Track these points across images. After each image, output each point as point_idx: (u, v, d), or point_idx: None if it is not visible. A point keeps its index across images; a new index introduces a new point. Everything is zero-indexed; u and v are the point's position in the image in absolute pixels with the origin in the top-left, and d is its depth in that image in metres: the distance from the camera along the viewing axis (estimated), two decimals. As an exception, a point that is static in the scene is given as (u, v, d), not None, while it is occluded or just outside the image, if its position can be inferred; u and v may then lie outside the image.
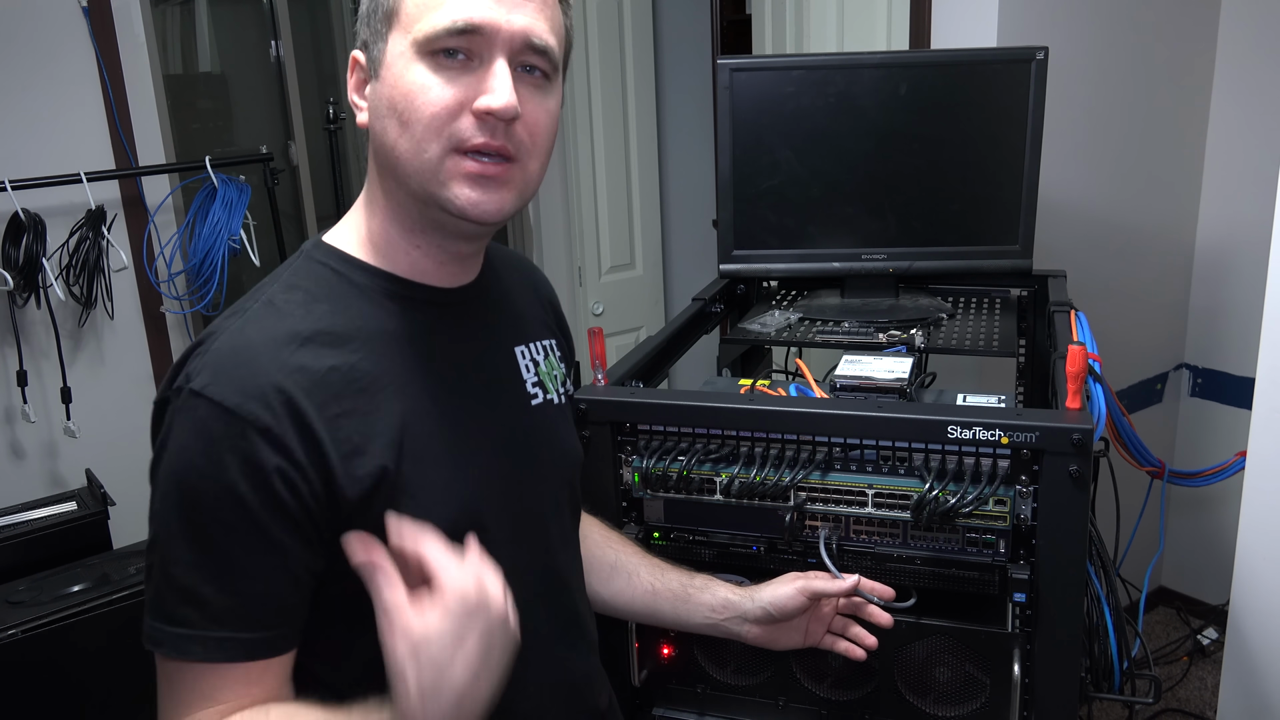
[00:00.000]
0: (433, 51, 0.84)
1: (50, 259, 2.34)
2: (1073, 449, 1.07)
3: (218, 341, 0.84)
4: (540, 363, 1.05)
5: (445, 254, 0.94)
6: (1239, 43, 2.48)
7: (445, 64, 0.84)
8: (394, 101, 0.85)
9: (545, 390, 1.04)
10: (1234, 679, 1.64)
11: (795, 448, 1.20)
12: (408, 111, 0.85)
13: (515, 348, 1.02)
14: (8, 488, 2.40)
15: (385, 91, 0.86)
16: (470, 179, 0.86)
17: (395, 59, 0.85)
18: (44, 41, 2.35)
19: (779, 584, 1.13)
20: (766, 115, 1.65)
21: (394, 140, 0.86)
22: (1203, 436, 2.74)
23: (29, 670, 1.76)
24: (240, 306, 0.88)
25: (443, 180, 0.86)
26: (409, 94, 0.84)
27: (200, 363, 0.82)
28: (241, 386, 0.80)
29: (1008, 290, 1.78)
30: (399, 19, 0.86)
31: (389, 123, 0.86)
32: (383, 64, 0.87)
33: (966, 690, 1.17)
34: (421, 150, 0.85)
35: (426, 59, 0.84)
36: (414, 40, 0.84)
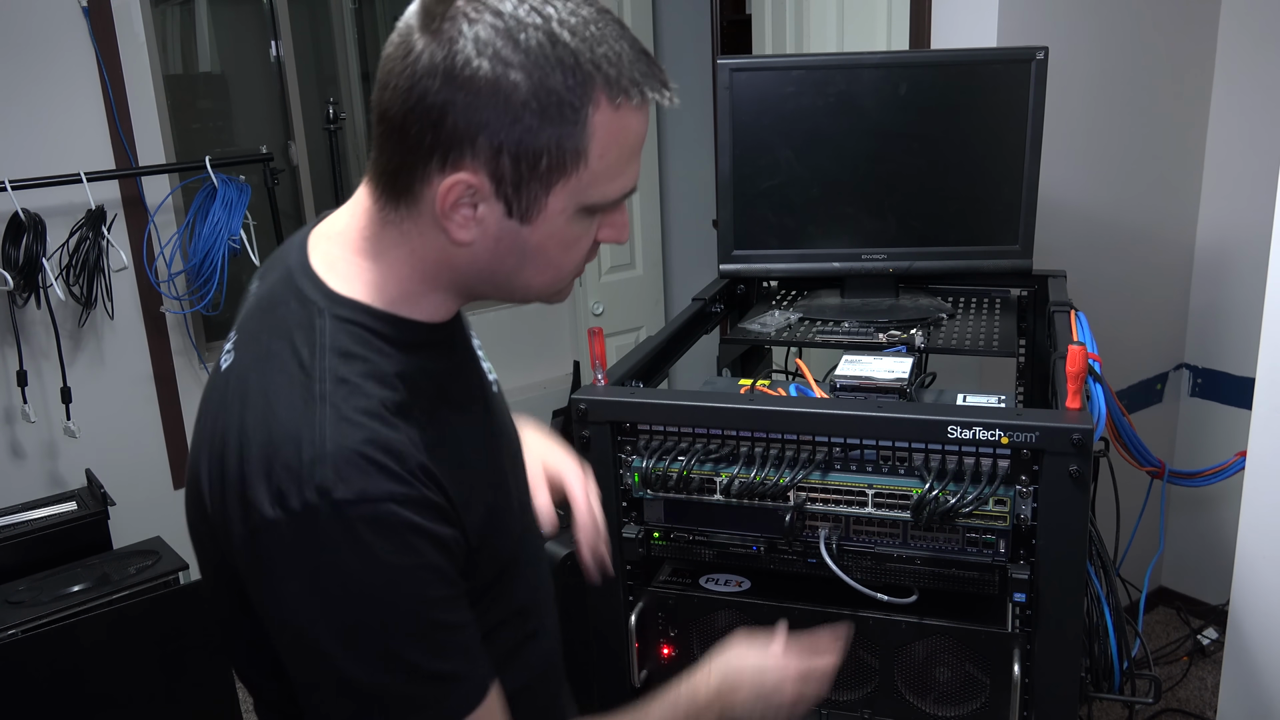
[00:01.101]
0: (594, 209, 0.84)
1: (50, 259, 2.34)
2: (1073, 449, 1.07)
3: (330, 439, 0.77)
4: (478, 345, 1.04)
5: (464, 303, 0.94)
6: (1239, 43, 2.48)
7: (595, 213, 0.85)
8: (547, 251, 0.84)
9: (490, 371, 1.04)
10: (1234, 679, 1.64)
11: (795, 448, 1.20)
12: (561, 260, 0.85)
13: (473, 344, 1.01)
14: (8, 488, 2.40)
15: (536, 240, 0.82)
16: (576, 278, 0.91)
17: (556, 215, 0.81)
18: (44, 41, 2.36)
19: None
20: (766, 115, 1.65)
21: (529, 277, 0.86)
22: (1203, 436, 2.74)
23: (29, 670, 1.76)
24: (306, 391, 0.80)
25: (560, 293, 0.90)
26: (567, 247, 0.85)
27: (328, 470, 0.75)
28: (394, 475, 0.77)
29: (1008, 290, 1.78)
30: (570, 179, 0.80)
31: (529, 264, 0.85)
32: (539, 214, 0.81)
33: (966, 690, 1.17)
34: (557, 281, 0.88)
35: (585, 213, 0.83)
36: (584, 204, 0.82)
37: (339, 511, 0.74)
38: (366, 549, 0.75)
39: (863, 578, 1.18)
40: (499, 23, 0.74)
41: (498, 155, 0.77)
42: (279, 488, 0.76)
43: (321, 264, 0.87)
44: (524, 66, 0.75)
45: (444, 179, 0.78)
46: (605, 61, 0.77)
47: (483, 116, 0.76)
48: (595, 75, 0.76)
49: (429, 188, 0.79)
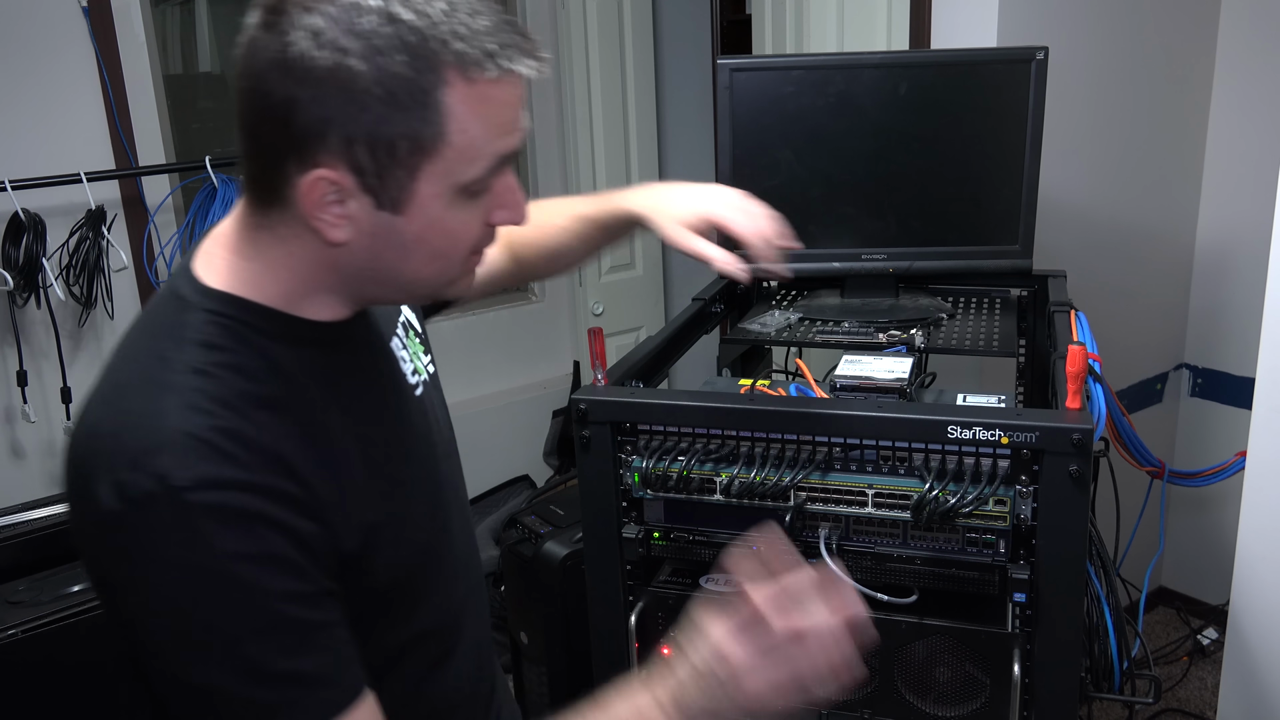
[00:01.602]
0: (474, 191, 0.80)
1: (50, 259, 2.34)
2: (1073, 449, 1.07)
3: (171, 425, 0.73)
4: (406, 343, 1.01)
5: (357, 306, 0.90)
6: (1239, 43, 2.48)
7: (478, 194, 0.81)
8: (428, 240, 0.80)
9: (419, 372, 1.02)
10: (1234, 679, 1.64)
11: (795, 448, 1.20)
12: (446, 248, 0.82)
13: (390, 342, 0.98)
14: (8, 488, 2.40)
15: (413, 230, 0.79)
16: (475, 266, 0.88)
17: (430, 200, 0.78)
18: (44, 41, 2.35)
19: (675, 232, 1.13)
20: (766, 115, 1.65)
21: (416, 269, 0.82)
22: (1203, 436, 2.74)
23: (29, 670, 1.76)
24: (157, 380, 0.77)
25: (455, 282, 0.87)
26: (450, 233, 0.81)
27: (171, 457, 0.72)
28: (238, 462, 0.74)
29: (1008, 290, 1.78)
30: (436, 158, 0.77)
31: (413, 256, 0.81)
32: (408, 202, 0.78)
33: (966, 690, 1.17)
34: (447, 270, 0.84)
35: (463, 196, 0.79)
36: (456, 183, 0.78)
37: (177, 497, 0.71)
38: (206, 537, 0.71)
39: (863, 578, 1.18)
40: (334, 10, 0.72)
41: (352, 147, 0.74)
42: (118, 478, 0.72)
43: (202, 265, 0.84)
44: (363, 53, 0.72)
45: (303, 178, 0.75)
46: (453, 37, 0.73)
47: (329, 110, 0.73)
48: (442, 52, 0.73)
49: (292, 189, 0.76)
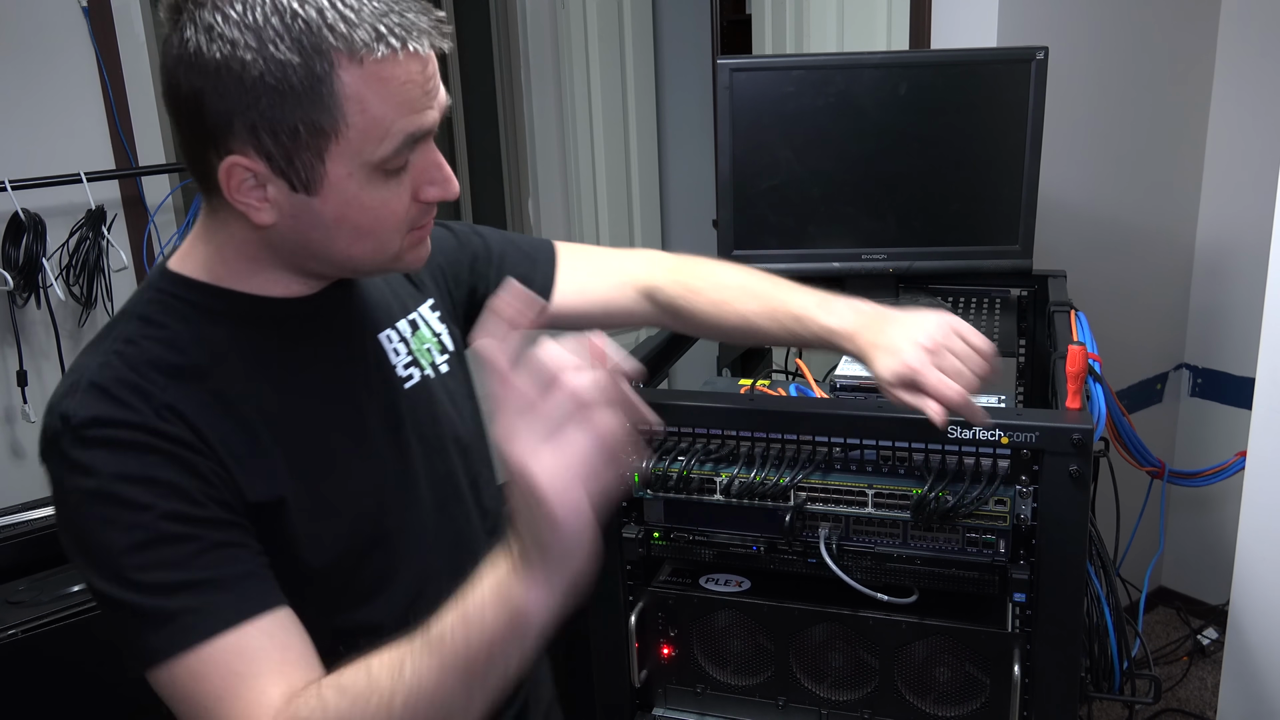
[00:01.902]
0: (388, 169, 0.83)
1: (50, 259, 2.34)
2: (1073, 449, 1.07)
3: (86, 378, 0.82)
4: (409, 339, 1.03)
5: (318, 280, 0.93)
6: (1239, 43, 2.48)
7: (396, 170, 0.84)
8: (348, 218, 0.84)
9: (420, 367, 1.03)
10: (1234, 679, 1.64)
11: (795, 448, 1.20)
12: (371, 224, 0.85)
13: (380, 334, 1.00)
14: (8, 488, 2.39)
15: (331, 210, 0.83)
16: (417, 244, 0.90)
17: (343, 180, 0.82)
18: (44, 41, 2.35)
19: (887, 389, 1.03)
20: (766, 115, 1.65)
21: (344, 248, 0.86)
22: (1203, 436, 2.74)
23: (29, 670, 1.76)
24: (97, 346, 0.86)
25: (399, 257, 0.89)
26: (371, 210, 0.84)
27: (75, 402, 0.81)
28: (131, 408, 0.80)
29: (1008, 290, 1.77)
30: (338, 144, 0.80)
31: (337, 235, 0.85)
32: (321, 183, 0.82)
33: (966, 690, 1.17)
34: (383, 248, 0.87)
35: (378, 173, 0.83)
36: (366, 162, 0.81)
37: (74, 433, 0.79)
38: (95, 463, 0.78)
39: (863, 578, 1.18)
40: (226, 6, 0.76)
41: (256, 134, 0.79)
42: (44, 425, 0.82)
43: (176, 252, 0.92)
44: (253, 44, 0.76)
45: (220, 165, 0.80)
46: (340, 21, 0.77)
47: (229, 101, 0.78)
48: (330, 37, 0.77)
49: (216, 175, 0.82)
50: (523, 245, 1.21)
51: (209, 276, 0.89)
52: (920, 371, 0.99)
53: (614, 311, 1.22)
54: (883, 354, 1.02)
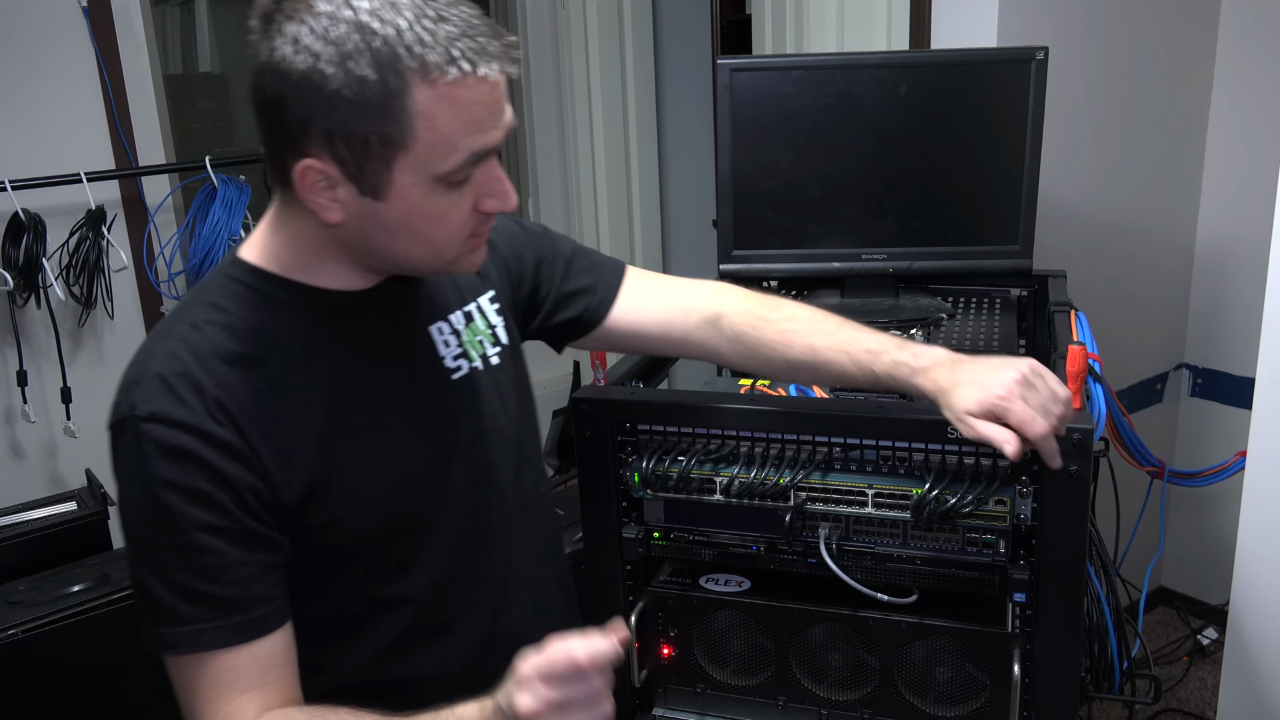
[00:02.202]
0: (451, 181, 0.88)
1: (50, 259, 2.34)
2: (1073, 449, 1.06)
3: (153, 367, 0.89)
4: (462, 331, 1.07)
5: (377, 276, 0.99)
6: (1239, 43, 2.48)
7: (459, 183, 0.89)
8: (411, 224, 0.89)
9: (470, 359, 1.07)
10: (1234, 679, 1.64)
11: (795, 448, 1.20)
12: (431, 232, 0.90)
13: (431, 326, 1.05)
14: (8, 488, 2.40)
15: (396, 215, 0.88)
16: (474, 250, 0.95)
17: (408, 189, 0.87)
18: (44, 41, 2.35)
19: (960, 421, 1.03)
20: (766, 115, 1.65)
21: (405, 250, 0.92)
22: (1203, 436, 2.74)
23: (29, 670, 1.76)
24: (168, 330, 0.93)
25: (457, 262, 0.95)
26: (431, 219, 0.89)
27: (141, 391, 0.88)
28: (188, 407, 0.87)
29: (1008, 290, 1.77)
30: (407, 155, 0.85)
31: (399, 238, 0.90)
32: (388, 190, 0.87)
33: (966, 690, 1.17)
34: (441, 253, 0.92)
35: (441, 184, 0.87)
36: (432, 175, 0.86)
37: (136, 425, 0.87)
38: (147, 462, 0.86)
39: (863, 578, 1.18)
40: (313, 20, 0.81)
41: (331, 141, 0.84)
42: (116, 402, 0.90)
43: (247, 241, 0.98)
44: (334, 58, 0.81)
45: (296, 166, 0.86)
46: (417, 43, 0.82)
47: (308, 108, 0.83)
48: (406, 58, 0.82)
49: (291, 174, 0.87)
50: (592, 256, 1.23)
51: (276, 266, 0.95)
52: (1009, 401, 0.99)
53: (672, 335, 1.21)
54: (966, 388, 1.02)
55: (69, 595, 1.84)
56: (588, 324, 1.20)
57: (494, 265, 1.15)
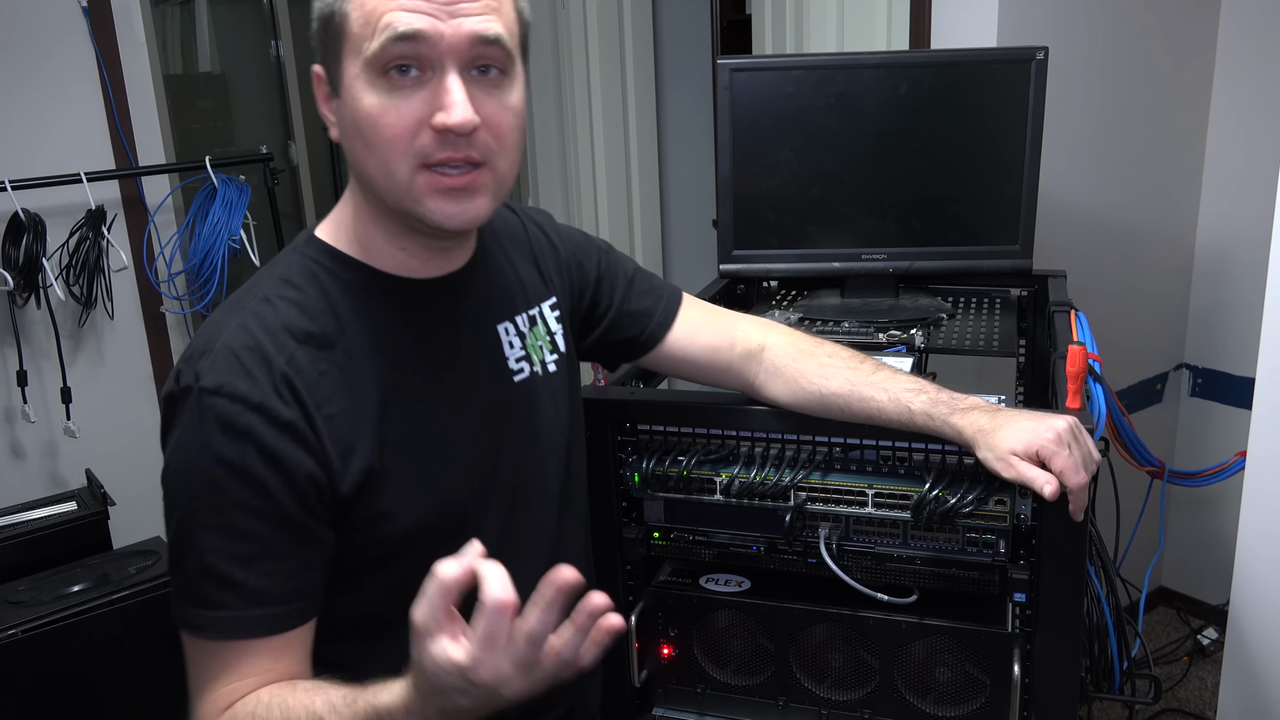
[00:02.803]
0: (385, 70, 0.85)
1: (50, 259, 2.34)
2: (1073, 449, 1.06)
3: (223, 339, 0.87)
4: (527, 334, 1.06)
5: (430, 251, 0.96)
6: (1239, 43, 2.48)
7: (399, 82, 0.85)
8: (357, 124, 0.87)
9: (531, 363, 1.06)
10: (1234, 679, 1.64)
11: (795, 448, 1.20)
12: (371, 135, 0.86)
13: (499, 325, 1.04)
14: (8, 488, 2.40)
15: (348, 114, 0.88)
16: (443, 193, 0.88)
17: (352, 82, 0.86)
18: (44, 41, 2.35)
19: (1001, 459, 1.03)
20: (766, 115, 1.65)
21: (363, 160, 0.89)
22: (1203, 436, 2.74)
23: (29, 670, 1.76)
24: (239, 302, 0.92)
25: (416, 197, 0.88)
26: (369, 117, 0.86)
27: (209, 362, 0.86)
28: (255, 381, 0.85)
29: (1008, 290, 1.78)
30: (348, 41, 0.86)
31: (355, 143, 0.88)
32: (341, 85, 0.87)
33: (966, 690, 1.17)
34: (390, 172, 0.87)
35: (380, 79, 0.85)
36: (365, 61, 0.85)
37: (199, 396, 0.85)
38: (206, 435, 0.84)
39: (863, 578, 1.18)
40: None
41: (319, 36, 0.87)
42: (179, 370, 0.88)
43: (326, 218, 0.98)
44: None
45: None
46: None
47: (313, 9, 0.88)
48: None
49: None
50: (651, 279, 1.23)
51: (345, 244, 0.95)
52: (1058, 445, 1.01)
53: (717, 364, 1.21)
54: (1011, 430, 1.03)
55: (69, 595, 1.84)
56: (644, 346, 1.20)
57: (556, 271, 1.14)
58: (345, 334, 0.91)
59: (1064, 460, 1.00)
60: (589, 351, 1.22)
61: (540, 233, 1.15)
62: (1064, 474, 1.00)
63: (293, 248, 0.97)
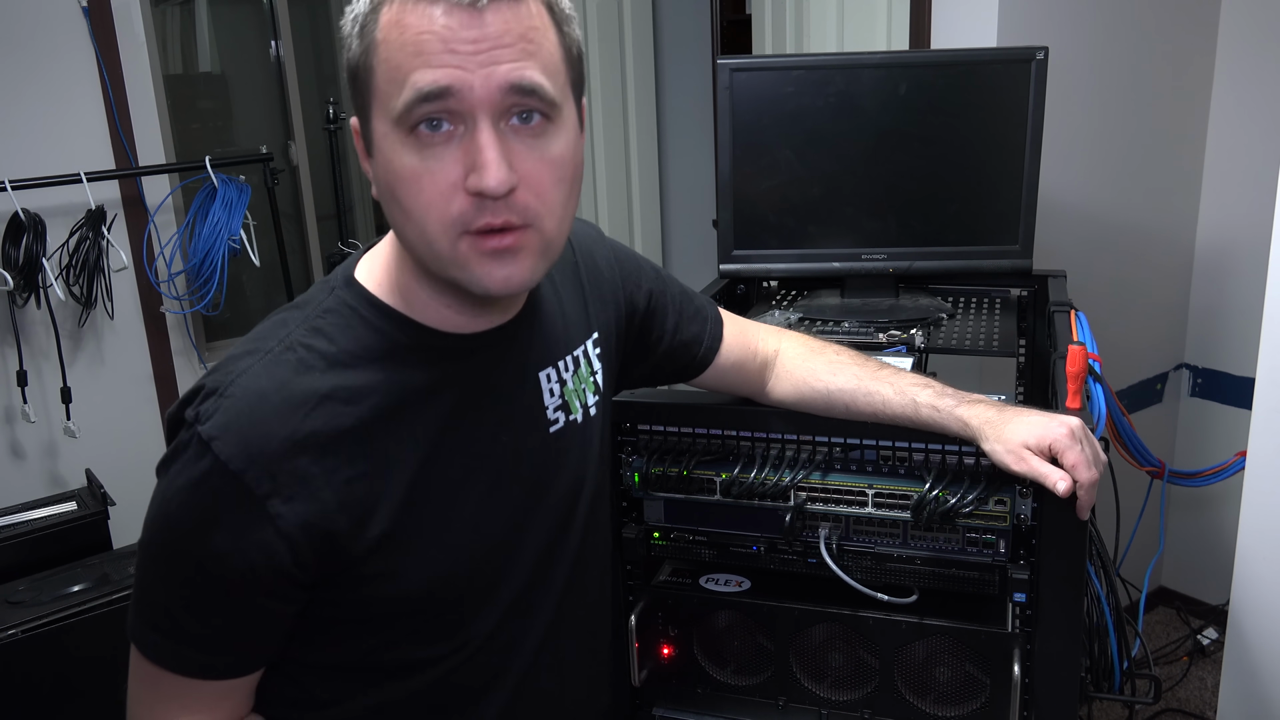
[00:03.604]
0: (413, 128, 0.77)
1: (50, 259, 2.34)
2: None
3: (236, 385, 0.81)
4: (568, 380, 1.00)
5: (478, 308, 0.89)
6: (1239, 43, 2.48)
7: (429, 139, 0.77)
8: (391, 187, 0.80)
9: (569, 410, 0.99)
10: (1234, 679, 1.64)
11: (795, 448, 1.20)
12: (405, 199, 0.79)
13: (542, 372, 0.97)
14: (8, 488, 2.40)
15: (381, 174, 0.81)
16: (487, 256, 0.80)
17: (382, 140, 0.79)
18: (44, 41, 2.35)
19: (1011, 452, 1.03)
20: (766, 115, 1.65)
21: (401, 225, 0.82)
22: (1203, 436, 2.74)
23: (29, 670, 1.76)
24: (262, 344, 0.84)
25: (460, 264, 0.80)
26: (403, 181, 0.78)
27: (215, 404, 0.80)
28: (249, 448, 0.79)
29: (1008, 290, 1.78)
30: (375, 95, 0.79)
31: (393, 208, 0.81)
32: (374, 144, 0.81)
33: (966, 690, 1.17)
34: (430, 241, 0.80)
35: (410, 138, 0.77)
36: (393, 120, 0.78)
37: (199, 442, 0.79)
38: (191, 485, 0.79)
39: (863, 578, 1.18)
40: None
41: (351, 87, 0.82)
42: (187, 397, 0.82)
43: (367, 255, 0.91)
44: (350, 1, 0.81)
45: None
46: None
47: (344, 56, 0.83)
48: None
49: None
50: (695, 299, 1.20)
51: (386, 293, 0.87)
52: (1071, 441, 1.01)
53: (742, 375, 1.21)
54: (1022, 424, 1.04)
55: (69, 595, 1.84)
56: (693, 372, 1.19)
57: (604, 302, 1.08)
58: (377, 392, 0.84)
59: (1077, 455, 1.00)
60: (639, 380, 1.19)
61: (590, 259, 1.08)
62: (1076, 468, 1.00)
63: (329, 287, 0.89)
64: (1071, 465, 1.00)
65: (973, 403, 1.08)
